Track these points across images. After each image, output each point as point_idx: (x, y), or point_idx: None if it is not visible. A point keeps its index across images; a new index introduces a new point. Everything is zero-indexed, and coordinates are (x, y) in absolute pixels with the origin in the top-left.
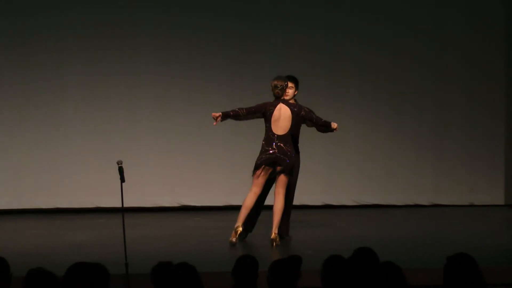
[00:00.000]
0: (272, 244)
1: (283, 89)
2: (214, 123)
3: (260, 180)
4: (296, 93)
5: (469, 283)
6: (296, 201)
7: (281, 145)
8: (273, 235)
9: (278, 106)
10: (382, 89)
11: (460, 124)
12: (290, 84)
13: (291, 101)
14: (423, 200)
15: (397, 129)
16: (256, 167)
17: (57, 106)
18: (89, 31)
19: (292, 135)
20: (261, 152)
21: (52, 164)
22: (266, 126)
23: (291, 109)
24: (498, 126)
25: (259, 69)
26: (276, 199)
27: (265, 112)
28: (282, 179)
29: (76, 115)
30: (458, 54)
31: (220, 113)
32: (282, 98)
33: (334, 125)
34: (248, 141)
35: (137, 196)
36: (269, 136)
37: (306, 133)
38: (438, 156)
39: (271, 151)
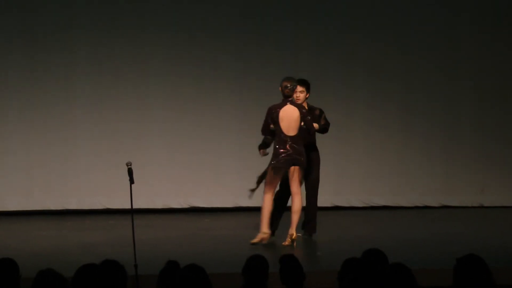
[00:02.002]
0: (293, 244)
1: (293, 90)
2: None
3: (275, 183)
4: (307, 96)
5: (478, 284)
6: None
7: (294, 145)
8: (294, 235)
9: (285, 107)
10: (392, 89)
11: (470, 124)
12: (301, 88)
13: (303, 104)
14: (433, 201)
15: (407, 129)
16: (274, 170)
17: (67, 107)
18: (98, 32)
19: (310, 134)
20: (275, 155)
21: (61, 165)
22: (276, 129)
23: (299, 110)
24: (508, 127)
25: (268, 69)
26: (295, 199)
27: (272, 117)
28: (297, 179)
29: (86, 116)
30: (468, 54)
31: (262, 150)
32: (290, 98)
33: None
34: (258, 142)
35: (147, 197)
36: (281, 137)
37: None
38: (448, 157)
39: (285, 153)
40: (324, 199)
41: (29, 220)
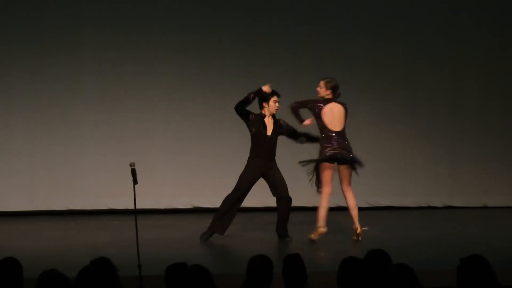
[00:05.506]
0: (358, 238)
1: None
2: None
3: (330, 178)
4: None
5: (482, 284)
6: (310, 203)
7: (341, 140)
8: (359, 230)
9: (330, 104)
10: (396, 91)
11: (474, 125)
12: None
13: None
14: (437, 202)
15: (411, 131)
16: (325, 161)
17: (72, 108)
18: (104, 34)
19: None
20: (325, 148)
21: (66, 166)
22: (321, 124)
23: (343, 106)
24: None
25: (274, 71)
26: (349, 195)
27: (313, 109)
28: (349, 174)
29: (90, 117)
30: (472, 56)
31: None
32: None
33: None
34: None
35: (151, 198)
36: (327, 133)
37: None
38: (452, 158)
39: (332, 148)
40: None
41: (33, 221)
